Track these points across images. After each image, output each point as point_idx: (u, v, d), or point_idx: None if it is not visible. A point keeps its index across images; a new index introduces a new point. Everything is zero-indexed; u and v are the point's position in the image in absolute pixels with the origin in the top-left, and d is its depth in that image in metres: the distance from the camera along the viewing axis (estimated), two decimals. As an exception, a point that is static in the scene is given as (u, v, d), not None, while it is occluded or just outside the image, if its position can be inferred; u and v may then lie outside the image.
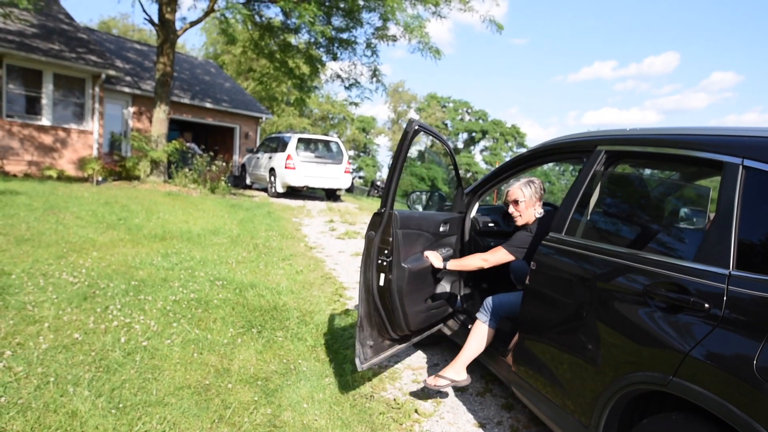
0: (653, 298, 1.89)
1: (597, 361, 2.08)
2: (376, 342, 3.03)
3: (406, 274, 2.88)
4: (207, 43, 37.56)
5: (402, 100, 56.36)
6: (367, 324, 2.92)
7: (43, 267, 4.70)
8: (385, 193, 2.76)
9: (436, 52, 12.17)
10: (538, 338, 2.53)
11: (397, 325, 3.00)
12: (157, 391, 2.88)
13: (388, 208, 2.76)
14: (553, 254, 2.51)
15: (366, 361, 2.89)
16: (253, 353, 3.56)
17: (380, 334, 3.05)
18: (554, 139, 2.99)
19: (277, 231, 8.28)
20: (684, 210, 2.42)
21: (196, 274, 5.13)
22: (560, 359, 2.33)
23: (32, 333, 3.35)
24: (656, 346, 1.82)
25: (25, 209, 7.06)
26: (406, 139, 2.69)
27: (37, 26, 13.23)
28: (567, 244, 2.44)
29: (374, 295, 2.88)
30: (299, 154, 12.95)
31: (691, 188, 2.66)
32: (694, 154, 1.98)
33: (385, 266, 2.82)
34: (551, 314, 2.45)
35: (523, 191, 3.02)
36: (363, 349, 2.88)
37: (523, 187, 3.02)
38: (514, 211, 3.07)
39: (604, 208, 2.62)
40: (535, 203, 3.07)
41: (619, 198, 2.64)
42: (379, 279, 2.84)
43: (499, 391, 3.52)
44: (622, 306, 2.02)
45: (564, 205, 2.61)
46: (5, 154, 11.76)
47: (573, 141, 2.76)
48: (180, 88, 17.23)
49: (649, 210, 2.59)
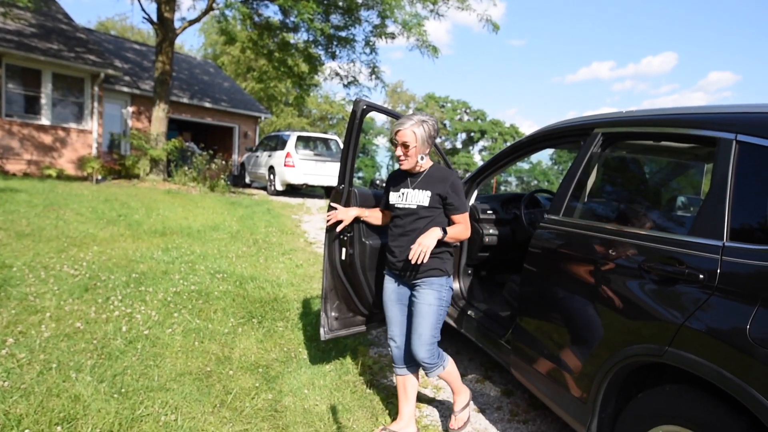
0: (649, 272, 1.91)
1: (594, 337, 2.11)
2: (344, 315, 3.06)
3: (367, 249, 2.91)
4: (206, 44, 37.60)
5: (401, 100, 56.40)
6: (332, 296, 2.98)
7: (44, 260, 4.72)
8: (341, 171, 2.84)
9: (433, 50, 12.20)
10: (536, 319, 2.56)
11: (365, 300, 3.03)
12: (159, 377, 2.90)
13: (346, 185, 2.84)
14: (551, 236, 2.53)
15: (331, 333, 2.97)
16: (253, 342, 3.58)
17: (349, 308, 3.07)
18: (551, 125, 3.01)
19: (276, 227, 8.30)
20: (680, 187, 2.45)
21: (197, 268, 5.16)
22: (559, 338, 2.36)
23: (34, 322, 3.37)
24: (652, 319, 1.84)
25: (26, 206, 7.08)
26: (355, 118, 2.73)
27: (36, 26, 13.25)
28: (565, 225, 2.47)
29: (338, 269, 2.94)
30: (298, 152, 12.97)
31: (687, 166, 2.68)
32: (690, 132, 2.01)
33: (345, 241, 2.88)
34: (549, 295, 2.47)
35: (415, 134, 2.41)
36: (328, 321, 2.96)
37: (415, 129, 2.40)
38: (402, 154, 2.46)
39: (601, 189, 2.64)
40: (427, 149, 2.50)
41: (616, 179, 2.67)
42: (341, 253, 2.91)
43: (498, 378, 3.54)
44: (619, 282, 2.04)
45: (561, 188, 2.64)
46: (5, 153, 11.77)
47: (570, 125, 2.79)
48: (179, 88, 17.25)
49: (646, 189, 2.62)
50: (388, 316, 2.68)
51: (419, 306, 2.48)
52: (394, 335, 2.68)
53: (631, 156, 2.73)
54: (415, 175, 2.55)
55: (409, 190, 2.52)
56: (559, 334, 2.36)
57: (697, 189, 2.31)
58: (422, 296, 2.48)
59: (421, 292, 2.49)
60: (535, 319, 2.57)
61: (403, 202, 2.53)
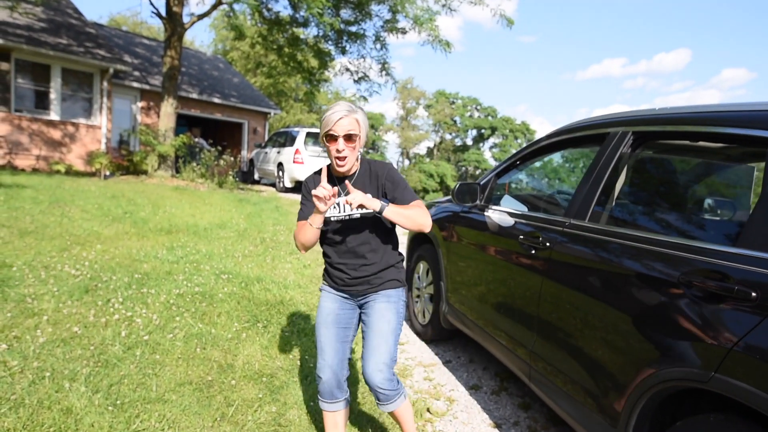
0: (690, 287, 1.72)
1: (626, 356, 1.92)
2: None
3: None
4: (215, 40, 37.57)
5: (411, 96, 56.14)
6: None
7: (45, 259, 4.60)
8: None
9: (446, 45, 11.97)
10: (559, 332, 2.37)
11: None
12: (158, 387, 2.75)
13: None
14: (575, 243, 2.34)
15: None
16: (258, 348, 3.43)
17: None
18: (575, 123, 2.82)
19: (285, 225, 8.16)
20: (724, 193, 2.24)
21: (202, 268, 5.02)
22: (585, 354, 2.17)
23: (30, 326, 3.23)
24: (695, 340, 1.65)
25: (31, 202, 6.98)
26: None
27: (46, 21, 13.19)
28: (591, 232, 2.28)
29: None
30: (307, 148, 12.81)
31: (731, 169, 2.48)
32: (736, 131, 1.81)
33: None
34: (574, 306, 2.28)
35: (358, 121, 2.03)
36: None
37: (358, 116, 2.03)
38: (346, 149, 2.01)
39: (632, 193, 2.45)
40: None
41: (649, 182, 2.47)
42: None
43: (515, 389, 3.36)
44: (654, 296, 1.85)
45: (585, 191, 2.45)
46: (14, 148, 11.73)
47: (596, 123, 2.59)
48: (188, 84, 17.16)
49: (683, 194, 2.42)
50: (320, 341, 2.21)
51: (378, 324, 2.13)
52: (326, 363, 2.18)
53: (666, 157, 2.53)
54: (344, 178, 2.12)
55: (343, 197, 2.08)
56: (585, 351, 2.17)
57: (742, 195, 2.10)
58: (380, 312, 2.15)
59: (376, 308, 2.16)
60: (558, 330, 2.39)
61: (339, 213, 2.13)
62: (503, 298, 2.93)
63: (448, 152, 58.80)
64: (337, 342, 2.21)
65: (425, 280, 4.16)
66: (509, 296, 2.86)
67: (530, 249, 2.64)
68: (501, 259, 2.99)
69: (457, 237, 3.57)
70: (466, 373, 3.59)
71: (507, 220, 3.02)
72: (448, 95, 57.89)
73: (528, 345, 2.60)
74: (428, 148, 59.69)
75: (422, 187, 49.99)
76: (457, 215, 3.65)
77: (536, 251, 2.59)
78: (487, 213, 3.24)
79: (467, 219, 3.48)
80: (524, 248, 2.70)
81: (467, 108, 58.44)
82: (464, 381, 3.47)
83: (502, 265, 2.98)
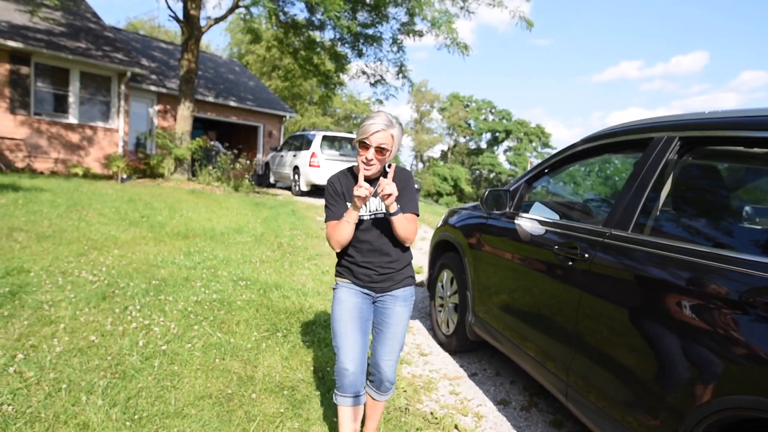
0: (755, 306, 1.58)
1: (680, 380, 1.77)
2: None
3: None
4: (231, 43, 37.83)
5: (425, 99, 56.01)
6: None
7: (62, 265, 4.55)
8: None
9: (464, 48, 11.83)
10: (601, 349, 2.23)
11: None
12: (176, 400, 2.65)
13: None
14: (618, 255, 2.20)
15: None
16: (278, 359, 3.32)
17: None
18: (614, 127, 2.67)
19: (301, 230, 8.07)
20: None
21: (219, 274, 4.93)
22: (631, 375, 2.03)
23: (47, 334, 3.16)
24: (764, 365, 1.51)
25: (49, 206, 6.98)
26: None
27: (65, 25, 13.30)
28: (636, 243, 2.13)
29: None
30: (324, 152, 12.74)
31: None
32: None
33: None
34: (618, 322, 2.14)
35: (393, 137, 2.10)
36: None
37: (394, 131, 2.10)
38: (374, 159, 2.09)
39: (680, 202, 2.30)
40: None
41: (699, 190, 2.32)
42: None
43: (545, 405, 3.21)
44: (712, 316, 1.71)
45: (627, 200, 2.31)
46: (33, 151, 11.82)
47: (639, 127, 2.45)
48: (204, 87, 17.21)
49: (737, 204, 2.26)
50: (345, 335, 2.22)
51: (396, 327, 2.29)
52: (352, 357, 2.20)
53: (718, 164, 2.37)
54: (370, 180, 2.21)
55: (370, 198, 2.16)
56: (632, 370, 2.03)
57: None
58: (399, 316, 2.29)
59: (396, 310, 2.29)
60: (599, 347, 2.24)
61: (366, 212, 2.24)
62: (536, 311, 2.79)
63: (462, 155, 58.52)
64: (361, 334, 2.26)
65: (449, 288, 4.03)
66: (543, 309, 2.72)
67: (567, 260, 2.50)
68: (534, 270, 2.85)
69: (485, 245, 3.43)
70: (494, 387, 3.45)
71: (538, 229, 2.88)
72: (462, 98, 57.64)
73: (565, 361, 2.45)
74: (442, 151, 59.49)
75: (436, 190, 49.78)
76: (485, 222, 3.51)
77: (574, 263, 2.45)
78: (517, 221, 3.10)
79: (496, 227, 3.35)
80: (560, 259, 2.56)
81: (481, 111, 58.12)
82: (492, 395, 3.33)
83: (534, 276, 2.84)
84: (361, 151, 2.10)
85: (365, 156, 2.09)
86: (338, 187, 2.27)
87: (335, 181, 2.29)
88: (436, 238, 4.34)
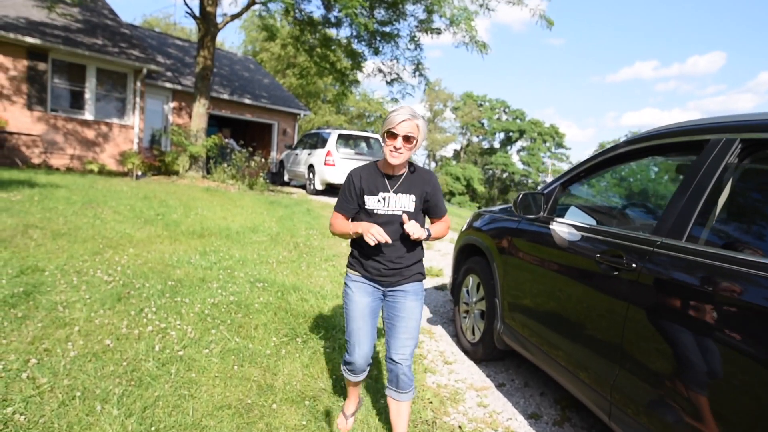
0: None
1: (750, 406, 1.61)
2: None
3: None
4: (246, 41, 37.88)
5: (438, 98, 55.69)
6: None
7: (77, 264, 4.45)
8: None
9: (482, 47, 11.62)
10: (651, 367, 2.06)
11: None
12: (194, 410, 2.53)
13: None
14: (672, 266, 2.03)
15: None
16: (298, 366, 3.19)
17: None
18: (663, 128, 2.50)
19: (317, 229, 7.95)
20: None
21: (236, 275, 4.82)
22: (688, 398, 1.86)
23: (61, 337, 3.06)
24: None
25: (64, 203, 6.92)
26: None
27: (82, 21, 13.31)
28: (693, 254, 1.96)
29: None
30: (339, 150, 12.60)
31: None
32: None
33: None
34: (672, 339, 1.97)
35: (419, 127, 2.17)
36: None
37: (420, 122, 2.17)
38: (402, 148, 2.15)
39: (742, 210, 2.13)
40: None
41: (765, 197, 2.14)
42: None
43: (578, 420, 3.04)
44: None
45: (681, 207, 2.14)
46: (50, 148, 11.83)
47: (693, 128, 2.27)
48: (219, 84, 17.17)
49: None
50: (356, 332, 2.37)
51: (409, 321, 2.34)
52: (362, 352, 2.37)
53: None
54: (393, 177, 2.31)
55: (390, 194, 2.28)
56: (691, 392, 1.86)
57: None
58: (411, 310, 2.36)
59: (408, 305, 2.36)
60: (649, 365, 2.07)
61: (384, 207, 2.29)
62: (574, 322, 2.62)
63: (475, 155, 58.15)
64: (371, 330, 2.40)
65: (475, 294, 3.87)
66: (583, 321, 2.55)
67: (611, 270, 2.33)
68: (572, 279, 2.68)
69: (516, 251, 3.27)
70: (523, 399, 3.29)
71: (575, 234, 2.72)
72: (475, 97, 57.28)
73: (608, 378, 2.29)
74: (455, 150, 59.16)
75: (449, 189, 49.50)
76: (516, 227, 3.35)
77: (619, 273, 2.28)
78: (552, 226, 2.94)
79: (529, 231, 3.18)
80: (603, 268, 2.39)
81: (495, 110, 57.70)
82: (522, 408, 3.17)
83: (573, 285, 2.67)
84: (389, 141, 2.17)
85: (393, 145, 2.16)
86: (357, 182, 2.32)
87: (356, 176, 2.33)
88: (461, 241, 4.18)
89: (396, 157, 2.18)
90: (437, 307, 5.08)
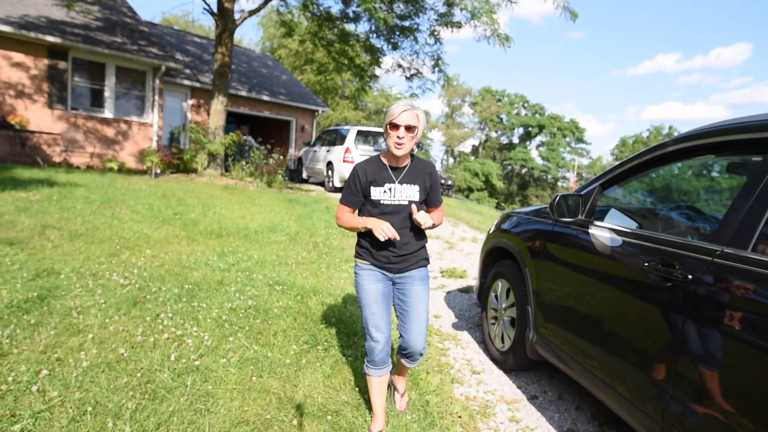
0: None
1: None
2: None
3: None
4: (264, 38, 37.92)
5: (456, 93, 55.21)
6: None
7: (93, 266, 4.36)
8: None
9: (505, 39, 11.33)
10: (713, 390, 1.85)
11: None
12: (210, 427, 2.39)
13: None
14: (737, 278, 1.82)
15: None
16: (320, 378, 3.03)
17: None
18: (719, 124, 2.27)
19: (336, 229, 7.80)
20: None
21: (254, 277, 4.68)
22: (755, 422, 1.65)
23: (74, 346, 2.94)
24: None
25: (83, 202, 6.87)
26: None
27: (102, 20, 13.33)
28: (761, 266, 1.75)
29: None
30: (358, 147, 12.44)
31: None
32: None
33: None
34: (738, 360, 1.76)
35: (419, 117, 2.30)
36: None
37: (419, 113, 2.31)
38: (405, 137, 2.28)
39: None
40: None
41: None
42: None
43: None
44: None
45: (744, 213, 1.92)
46: (70, 146, 11.88)
47: (757, 124, 2.04)
48: (237, 81, 17.12)
49: None
50: (374, 317, 2.47)
51: (419, 304, 2.49)
52: (384, 334, 2.47)
53: None
54: (396, 168, 2.44)
55: (395, 185, 2.43)
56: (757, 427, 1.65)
57: None
58: (419, 294, 2.50)
59: (415, 290, 2.50)
60: (710, 387, 1.87)
61: (390, 198, 2.42)
62: (619, 336, 2.41)
63: (493, 150, 57.59)
64: (387, 314, 2.50)
65: (504, 300, 3.67)
66: (629, 335, 2.34)
67: (663, 280, 2.12)
68: (616, 288, 2.47)
69: (552, 255, 3.06)
70: (557, 414, 3.09)
71: (617, 240, 2.51)
72: (494, 92, 56.68)
73: (660, 400, 2.08)
74: (473, 146, 58.66)
75: (467, 185, 49.09)
76: (551, 230, 3.14)
77: (673, 284, 2.07)
78: (591, 230, 2.73)
79: (565, 235, 2.97)
80: (652, 279, 2.18)
81: (514, 105, 57.03)
82: (557, 424, 2.97)
83: (616, 296, 2.46)
84: (392, 133, 2.30)
85: (397, 135, 2.29)
86: (363, 176, 2.41)
87: (361, 170, 2.42)
88: (489, 244, 3.98)
89: (400, 148, 2.30)
90: (462, 311, 4.89)
